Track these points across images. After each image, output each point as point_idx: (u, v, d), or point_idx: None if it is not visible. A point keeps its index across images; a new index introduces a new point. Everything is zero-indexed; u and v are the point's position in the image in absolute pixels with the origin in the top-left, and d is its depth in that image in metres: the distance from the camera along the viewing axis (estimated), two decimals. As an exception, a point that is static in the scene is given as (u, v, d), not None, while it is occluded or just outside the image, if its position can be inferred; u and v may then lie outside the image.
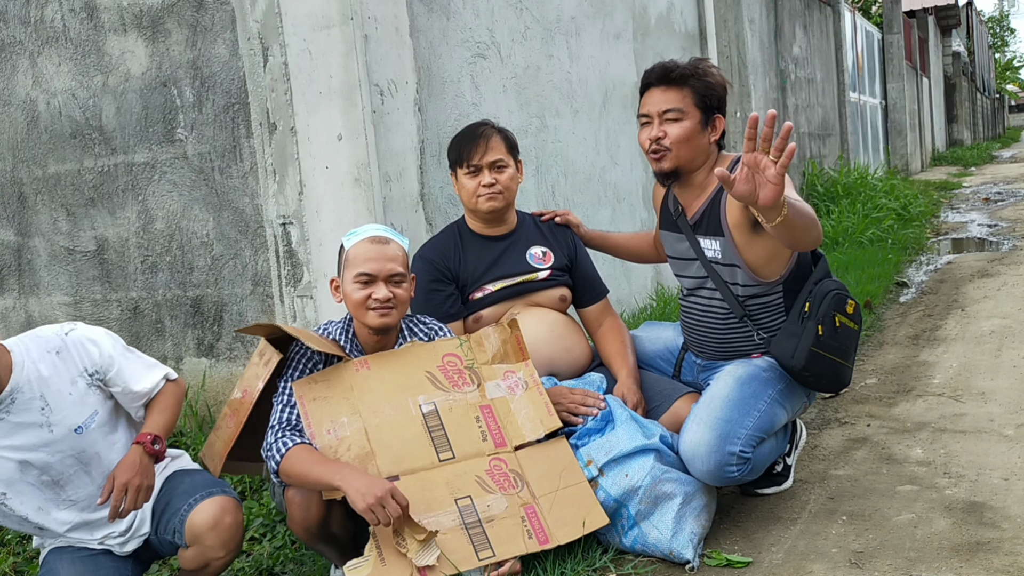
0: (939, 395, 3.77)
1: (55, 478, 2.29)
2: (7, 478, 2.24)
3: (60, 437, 2.26)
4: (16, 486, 2.26)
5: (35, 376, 2.23)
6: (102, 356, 2.32)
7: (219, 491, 2.37)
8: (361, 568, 2.18)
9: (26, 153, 4.01)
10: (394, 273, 2.48)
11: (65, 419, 2.26)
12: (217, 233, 3.60)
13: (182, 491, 2.39)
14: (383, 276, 2.46)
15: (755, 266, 2.67)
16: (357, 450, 2.37)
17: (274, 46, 3.27)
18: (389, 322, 2.49)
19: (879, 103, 16.11)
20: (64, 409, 2.26)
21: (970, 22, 32.05)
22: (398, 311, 2.50)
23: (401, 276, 2.49)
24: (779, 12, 9.59)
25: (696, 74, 2.70)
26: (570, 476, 2.50)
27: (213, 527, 2.29)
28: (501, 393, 2.59)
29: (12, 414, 2.21)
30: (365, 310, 2.47)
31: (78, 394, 2.28)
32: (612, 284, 3.35)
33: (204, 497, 2.33)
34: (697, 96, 2.69)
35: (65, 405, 2.26)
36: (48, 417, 2.24)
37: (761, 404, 2.63)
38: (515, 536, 2.34)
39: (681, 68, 2.72)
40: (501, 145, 2.87)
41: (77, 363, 2.29)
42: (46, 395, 2.23)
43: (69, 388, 2.27)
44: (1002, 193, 12.91)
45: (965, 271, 6.64)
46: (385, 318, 2.48)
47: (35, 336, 2.30)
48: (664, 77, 2.72)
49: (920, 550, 2.42)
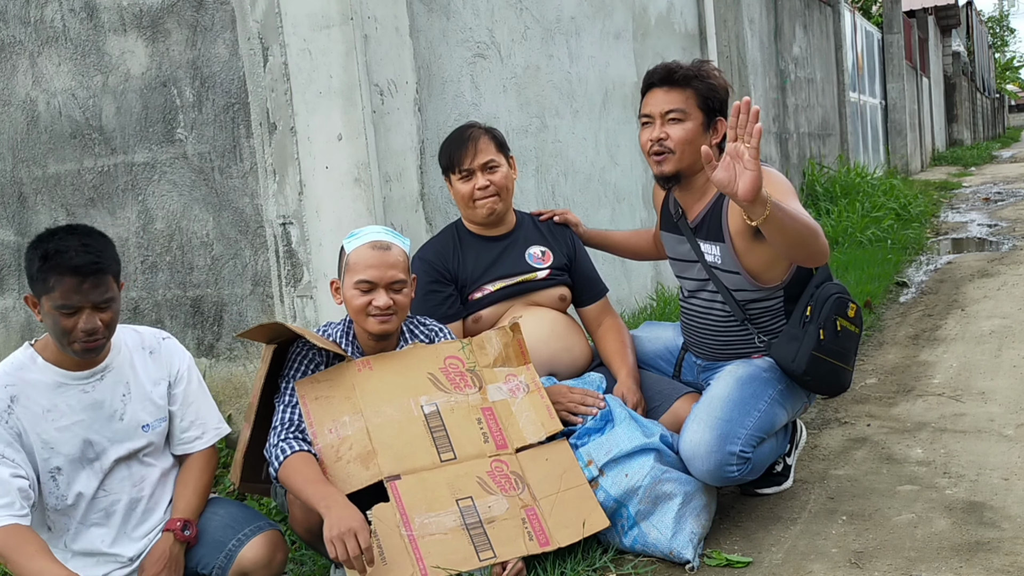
0: (939, 395, 3.77)
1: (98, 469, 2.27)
2: (68, 453, 2.23)
3: (127, 429, 2.28)
4: (71, 466, 2.23)
5: (128, 363, 2.31)
6: (182, 370, 2.40)
7: (266, 526, 2.32)
8: None
9: (26, 153, 4.01)
10: (395, 280, 2.47)
11: (137, 414, 2.30)
12: (217, 233, 3.60)
13: (222, 524, 2.32)
14: (384, 283, 2.46)
15: (755, 272, 2.67)
16: (359, 449, 2.37)
17: (274, 46, 3.27)
18: (389, 328, 2.50)
19: (879, 103, 16.11)
20: (140, 403, 2.31)
21: (970, 22, 32.05)
22: (398, 317, 2.50)
23: (402, 283, 2.49)
24: (779, 12, 9.59)
25: (700, 75, 2.69)
26: (571, 478, 2.50)
27: (266, 565, 2.28)
28: (502, 396, 2.59)
29: (96, 390, 2.25)
30: (365, 316, 2.48)
31: (156, 396, 2.34)
32: (612, 284, 3.35)
33: (253, 533, 2.28)
34: (700, 98, 2.68)
35: (142, 401, 2.31)
36: (125, 406, 2.29)
37: (761, 404, 2.63)
38: (516, 537, 2.34)
39: (684, 69, 2.71)
40: (490, 145, 2.86)
41: (164, 367, 2.37)
42: (131, 384, 2.30)
43: (151, 387, 2.34)
44: (1002, 193, 12.91)
45: (965, 271, 6.64)
46: (385, 325, 2.48)
47: (134, 331, 2.39)
48: (667, 78, 2.71)
49: (920, 550, 2.42)
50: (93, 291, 2.12)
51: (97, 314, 2.14)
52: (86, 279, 2.11)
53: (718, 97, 2.70)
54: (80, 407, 2.23)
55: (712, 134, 2.71)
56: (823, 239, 2.39)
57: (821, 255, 2.41)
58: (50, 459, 2.21)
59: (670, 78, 2.71)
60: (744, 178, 2.15)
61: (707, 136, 2.71)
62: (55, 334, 2.16)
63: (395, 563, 2.22)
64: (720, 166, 2.20)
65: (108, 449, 2.27)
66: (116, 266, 2.21)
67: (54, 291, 2.11)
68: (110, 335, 2.21)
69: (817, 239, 2.36)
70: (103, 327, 2.16)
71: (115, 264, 2.20)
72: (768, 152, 8.64)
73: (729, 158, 2.19)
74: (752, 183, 2.14)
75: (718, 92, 2.70)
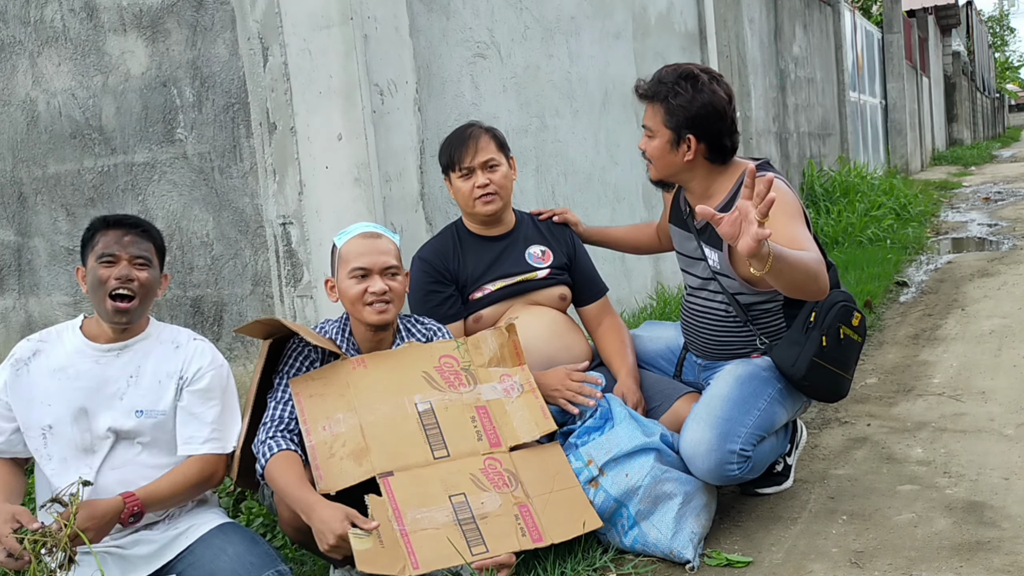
0: (939, 395, 3.77)
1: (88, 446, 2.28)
2: (58, 416, 2.27)
3: (122, 408, 2.30)
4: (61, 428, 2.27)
5: (147, 351, 2.37)
6: (201, 371, 2.39)
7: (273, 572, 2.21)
8: (365, 540, 2.18)
9: (26, 153, 4.01)
10: (388, 266, 2.49)
11: (135, 399, 2.32)
12: (217, 233, 3.60)
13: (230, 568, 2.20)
14: (377, 269, 2.47)
15: (751, 282, 2.67)
16: (352, 446, 2.38)
17: (274, 46, 3.27)
18: (387, 318, 2.50)
19: (879, 103, 16.10)
20: (142, 390, 2.33)
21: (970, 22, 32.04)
22: (395, 305, 2.50)
23: (395, 268, 2.50)
24: (779, 12, 9.59)
25: (660, 93, 2.61)
26: (563, 480, 2.51)
27: None
28: (497, 395, 2.60)
29: (107, 366, 2.32)
30: (362, 305, 2.47)
31: (162, 389, 2.35)
32: (612, 283, 3.35)
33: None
34: (665, 115, 2.62)
35: (145, 388, 2.34)
36: (128, 388, 2.32)
37: (761, 403, 2.63)
38: (508, 533, 2.34)
39: (649, 84, 2.66)
40: (491, 144, 2.86)
41: (181, 364, 2.39)
42: (141, 369, 2.34)
43: (160, 379, 2.36)
44: (1002, 192, 12.92)
45: (965, 270, 6.64)
46: (383, 314, 2.48)
47: (175, 328, 2.48)
48: (637, 90, 2.70)
49: (920, 549, 2.42)
50: (132, 245, 2.31)
51: (134, 268, 2.30)
52: (128, 233, 2.32)
53: (684, 116, 2.59)
54: (87, 376, 2.31)
55: (685, 150, 2.63)
56: (823, 279, 2.36)
57: (819, 294, 2.40)
58: (44, 416, 2.27)
59: (638, 91, 2.69)
60: (747, 236, 2.10)
61: (678, 152, 2.64)
62: (92, 288, 2.30)
63: (391, 547, 2.22)
64: (727, 220, 2.14)
65: (98, 420, 2.28)
66: (159, 241, 2.40)
67: (97, 244, 2.32)
68: (143, 297, 2.32)
69: (816, 282, 2.35)
70: (138, 283, 2.29)
71: (159, 238, 2.40)
72: (768, 152, 8.64)
73: (738, 213, 2.14)
74: (754, 243, 2.09)
75: (684, 110, 2.58)
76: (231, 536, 2.30)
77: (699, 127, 2.61)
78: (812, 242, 2.49)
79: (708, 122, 2.60)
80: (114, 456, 2.30)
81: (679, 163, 2.67)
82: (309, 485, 2.29)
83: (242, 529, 2.39)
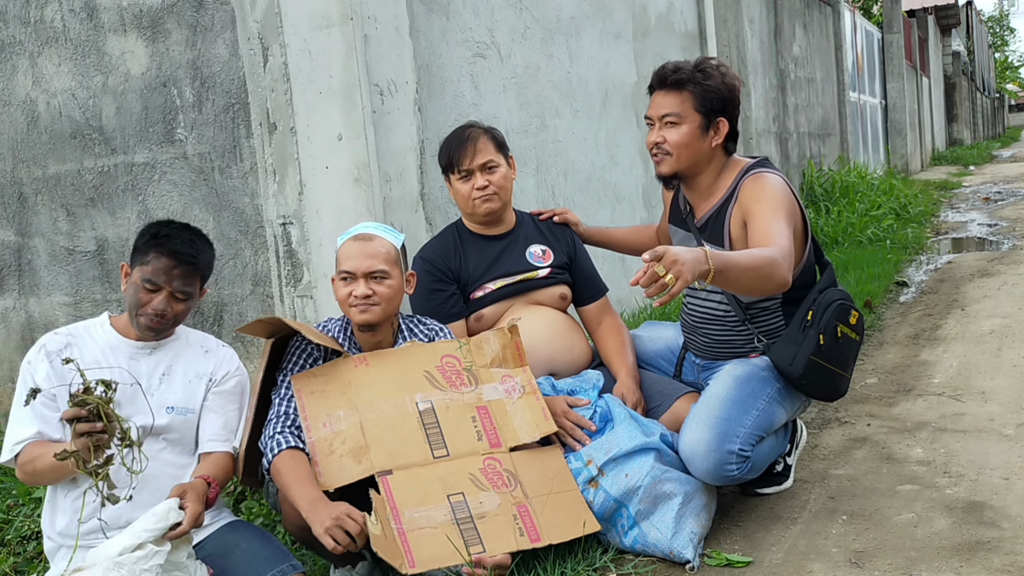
0: (939, 395, 3.77)
1: None
2: None
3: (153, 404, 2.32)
4: None
5: (178, 352, 2.43)
6: (228, 375, 2.47)
7: (290, 570, 2.22)
8: (374, 526, 2.21)
9: (26, 153, 4.01)
10: (374, 270, 2.50)
11: (166, 395, 2.37)
12: (217, 233, 3.60)
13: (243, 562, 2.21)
14: (361, 273, 2.49)
15: None
16: (352, 444, 2.39)
17: (274, 46, 3.27)
18: (370, 319, 2.51)
19: (879, 103, 16.10)
20: (173, 387, 2.38)
21: (970, 22, 32.04)
22: (381, 308, 2.51)
23: (383, 273, 2.50)
24: (779, 12, 9.59)
25: (693, 78, 2.68)
26: (562, 483, 2.51)
27: None
28: (498, 396, 2.60)
29: (140, 362, 2.37)
30: (348, 307, 2.53)
31: (192, 388, 2.41)
32: (612, 283, 3.35)
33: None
34: (696, 100, 2.67)
35: (176, 388, 2.39)
36: (159, 385, 2.37)
37: (760, 403, 2.63)
38: (506, 533, 2.35)
39: (680, 72, 2.69)
40: (489, 145, 2.86)
41: (212, 367, 2.46)
42: (173, 367, 2.40)
43: (191, 377, 2.42)
44: (1002, 192, 12.91)
45: (965, 270, 6.64)
46: (365, 315, 2.50)
47: (204, 334, 2.55)
48: (663, 81, 2.71)
49: (920, 549, 2.43)
50: (179, 279, 2.34)
51: (173, 301, 2.35)
52: (178, 266, 2.34)
53: (716, 97, 2.67)
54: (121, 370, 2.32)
55: (713, 135, 2.70)
56: (779, 275, 2.35)
57: (779, 288, 2.41)
58: None
59: (665, 81, 2.71)
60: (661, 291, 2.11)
61: (706, 138, 2.70)
62: (131, 301, 2.36)
63: (393, 541, 2.23)
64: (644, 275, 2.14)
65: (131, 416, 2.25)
66: (208, 271, 2.45)
67: (148, 265, 2.34)
68: (174, 325, 2.40)
69: (771, 280, 2.35)
70: (172, 315, 2.35)
71: (208, 269, 2.44)
72: (768, 152, 8.63)
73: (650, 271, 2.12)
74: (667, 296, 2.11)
75: (716, 92, 2.68)
76: (243, 532, 2.35)
77: (728, 110, 2.71)
78: (786, 238, 2.48)
79: (734, 105, 2.72)
80: None
81: (706, 149, 2.71)
82: (314, 481, 2.30)
83: (253, 526, 2.45)
